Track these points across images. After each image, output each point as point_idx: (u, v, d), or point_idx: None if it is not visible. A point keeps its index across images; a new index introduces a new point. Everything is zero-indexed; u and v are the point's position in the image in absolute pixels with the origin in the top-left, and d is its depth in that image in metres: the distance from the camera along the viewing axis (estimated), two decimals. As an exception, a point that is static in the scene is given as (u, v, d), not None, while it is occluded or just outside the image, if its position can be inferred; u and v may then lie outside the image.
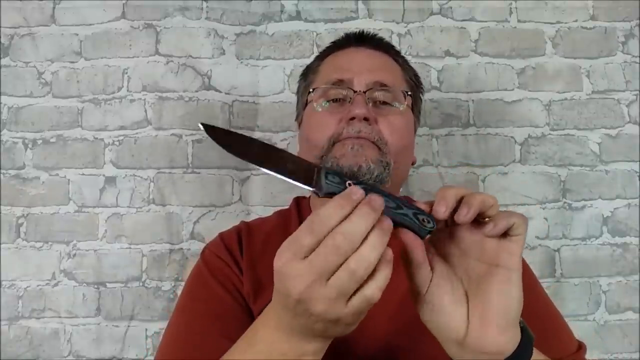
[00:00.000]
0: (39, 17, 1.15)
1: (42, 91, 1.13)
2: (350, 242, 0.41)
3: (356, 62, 0.77)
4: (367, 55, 0.78)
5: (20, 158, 1.12)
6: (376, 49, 0.80)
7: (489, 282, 0.46)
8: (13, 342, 1.07)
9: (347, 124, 0.70)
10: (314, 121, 0.75)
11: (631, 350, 1.06)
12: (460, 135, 1.14)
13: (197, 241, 1.10)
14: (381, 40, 0.83)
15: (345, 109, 0.72)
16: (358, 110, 0.70)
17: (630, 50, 1.16)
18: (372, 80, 0.74)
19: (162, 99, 1.13)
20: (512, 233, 0.47)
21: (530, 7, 1.17)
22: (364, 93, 0.72)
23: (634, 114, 1.14)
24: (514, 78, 1.15)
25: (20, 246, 1.10)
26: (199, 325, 0.67)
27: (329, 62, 0.80)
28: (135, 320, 1.08)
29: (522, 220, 0.47)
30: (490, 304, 0.46)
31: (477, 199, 0.45)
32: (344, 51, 0.80)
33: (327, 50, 0.84)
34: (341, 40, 0.83)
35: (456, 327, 0.47)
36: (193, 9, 1.15)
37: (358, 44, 0.81)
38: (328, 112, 0.74)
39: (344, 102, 0.74)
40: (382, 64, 0.78)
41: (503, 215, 0.46)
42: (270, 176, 0.48)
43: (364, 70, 0.75)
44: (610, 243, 1.11)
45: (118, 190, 1.11)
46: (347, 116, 0.71)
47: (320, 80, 0.78)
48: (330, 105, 0.75)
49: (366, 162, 0.67)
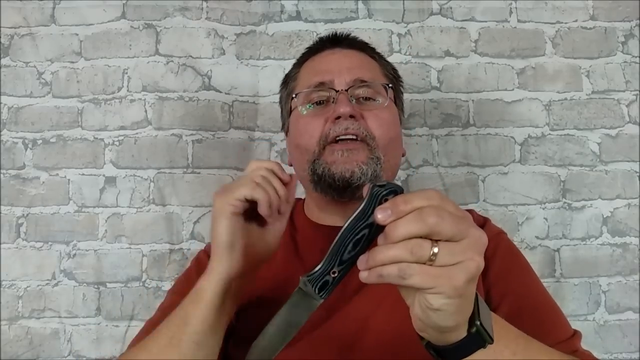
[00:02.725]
0: (39, 17, 1.15)
1: (42, 91, 1.14)
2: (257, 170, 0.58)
3: (334, 63, 0.78)
4: (343, 55, 0.79)
5: (20, 158, 1.12)
6: (351, 49, 0.81)
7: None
8: (13, 342, 1.07)
9: (334, 124, 0.71)
10: (301, 126, 0.76)
11: (631, 350, 1.06)
12: (460, 135, 1.14)
13: (197, 241, 1.10)
14: (355, 40, 0.84)
15: (330, 110, 0.73)
16: (342, 109, 0.71)
17: (630, 50, 1.16)
18: (352, 78, 0.75)
19: (162, 99, 1.13)
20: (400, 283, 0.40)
21: (530, 7, 1.16)
22: (346, 91, 0.73)
23: (633, 114, 1.14)
24: (514, 78, 1.15)
25: (20, 246, 1.10)
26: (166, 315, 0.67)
27: (308, 67, 0.81)
28: (135, 320, 1.08)
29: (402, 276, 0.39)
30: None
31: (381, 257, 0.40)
32: (320, 55, 0.81)
33: (303, 56, 0.85)
34: (316, 45, 0.84)
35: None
36: (193, 9, 1.15)
37: (333, 45, 0.81)
38: (313, 115, 0.75)
39: (328, 103, 0.75)
40: (360, 61, 0.79)
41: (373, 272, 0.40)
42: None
43: (343, 69, 0.76)
44: (610, 243, 1.11)
45: (118, 190, 1.11)
46: (333, 116, 0.72)
47: (302, 86, 0.79)
48: (315, 108, 0.76)
49: (358, 166, 0.69)
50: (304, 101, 0.77)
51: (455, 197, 1.12)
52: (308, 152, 0.74)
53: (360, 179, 0.69)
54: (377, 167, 0.71)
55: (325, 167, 0.71)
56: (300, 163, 0.77)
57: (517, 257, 0.77)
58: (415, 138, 1.13)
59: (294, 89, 0.81)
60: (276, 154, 1.13)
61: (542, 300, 0.72)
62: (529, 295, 0.71)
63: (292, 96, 0.79)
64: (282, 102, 0.87)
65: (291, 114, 0.80)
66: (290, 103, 0.80)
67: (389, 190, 0.42)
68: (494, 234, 0.77)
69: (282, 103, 0.86)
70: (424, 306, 0.41)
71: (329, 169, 0.71)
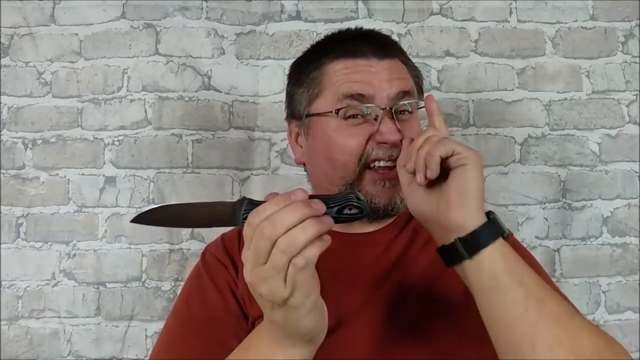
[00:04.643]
0: (39, 17, 1.15)
1: (42, 91, 1.13)
2: (274, 226, 0.44)
3: (374, 74, 0.70)
4: (380, 63, 0.71)
5: (20, 158, 1.12)
6: (388, 55, 0.73)
7: (450, 177, 0.56)
8: (13, 342, 1.07)
9: (378, 146, 0.68)
10: (339, 139, 0.70)
11: (631, 350, 1.06)
12: (460, 135, 1.14)
13: (197, 241, 1.10)
14: (387, 41, 0.77)
15: (371, 127, 0.68)
16: (392, 137, 0.67)
17: (630, 50, 1.16)
18: (394, 93, 0.69)
19: (162, 99, 1.13)
20: (455, 165, 0.55)
21: (530, 7, 1.16)
22: (390, 109, 0.68)
23: (633, 114, 1.14)
24: (514, 78, 1.15)
25: (20, 246, 1.10)
26: (191, 329, 0.69)
27: (340, 73, 0.71)
28: (135, 320, 1.08)
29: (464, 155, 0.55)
30: (449, 188, 0.55)
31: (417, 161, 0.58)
32: (353, 62, 0.71)
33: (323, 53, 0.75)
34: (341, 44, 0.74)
35: (430, 210, 0.57)
36: (193, 9, 1.15)
37: (364, 49, 0.72)
38: (352, 130, 0.69)
39: (368, 118, 0.69)
40: (398, 71, 0.72)
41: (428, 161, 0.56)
42: (270, 176, 0.49)
43: (383, 81, 0.69)
44: (610, 243, 1.11)
45: (118, 190, 1.11)
46: (379, 139, 0.68)
47: (334, 92, 0.71)
48: (351, 120, 0.70)
49: (400, 198, 0.70)
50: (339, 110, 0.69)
51: (455, 197, 1.12)
52: (345, 170, 0.69)
53: (398, 210, 0.71)
54: None
55: (366, 197, 0.68)
56: (332, 178, 0.71)
57: (529, 257, 0.74)
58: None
59: (320, 92, 0.73)
60: (276, 154, 1.13)
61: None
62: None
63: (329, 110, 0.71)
64: (293, 97, 0.78)
65: (312, 116, 0.73)
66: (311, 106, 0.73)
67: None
68: None
69: (295, 100, 0.77)
70: (460, 181, 0.55)
71: (371, 200, 0.69)
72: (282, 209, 0.45)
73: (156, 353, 0.69)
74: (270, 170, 1.12)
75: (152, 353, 0.70)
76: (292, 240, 0.44)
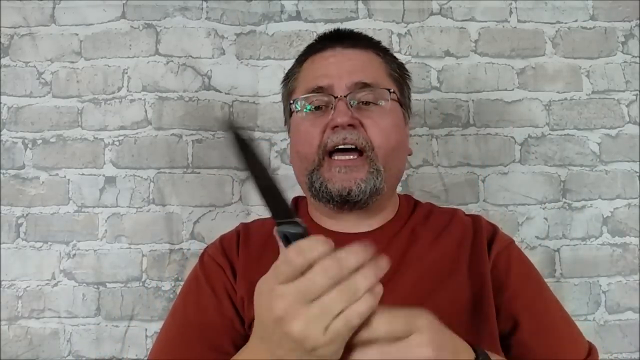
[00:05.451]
0: (39, 17, 1.15)
1: (42, 91, 1.13)
2: (340, 267, 0.40)
3: (334, 66, 0.74)
4: (345, 56, 0.75)
5: (20, 158, 1.12)
6: (355, 47, 0.76)
7: None
8: (13, 342, 1.07)
9: (332, 132, 0.70)
10: (301, 132, 0.74)
11: (631, 350, 1.06)
12: (460, 135, 1.14)
13: (197, 241, 1.10)
14: (359, 36, 0.80)
15: (329, 116, 0.71)
16: (340, 119, 0.69)
17: (630, 50, 1.16)
18: (352, 82, 0.71)
19: (162, 99, 1.13)
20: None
21: (530, 7, 1.17)
22: (345, 97, 0.70)
23: (633, 114, 1.14)
24: (514, 78, 1.15)
25: (20, 246, 1.10)
26: (188, 332, 0.69)
27: (307, 69, 0.77)
28: (135, 320, 1.08)
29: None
30: None
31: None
32: (321, 55, 0.76)
33: (304, 54, 0.81)
34: (317, 43, 0.80)
35: None
36: (193, 9, 1.15)
37: (334, 43, 0.76)
38: (313, 122, 0.72)
39: (327, 108, 0.72)
40: (362, 62, 0.75)
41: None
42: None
43: (343, 72, 0.72)
44: (610, 243, 1.11)
45: (118, 190, 1.11)
46: (331, 124, 0.70)
47: (301, 89, 0.76)
48: (314, 113, 0.73)
49: (356, 184, 0.68)
50: (302, 105, 0.74)
51: (455, 197, 1.12)
52: (307, 161, 0.72)
53: (358, 196, 0.68)
54: (377, 180, 0.69)
55: (322, 182, 0.70)
56: (300, 170, 0.75)
57: (531, 269, 0.75)
58: (415, 138, 1.13)
59: (293, 90, 0.78)
60: (276, 154, 1.13)
61: (560, 316, 0.71)
62: (548, 311, 0.71)
63: (290, 100, 0.77)
64: (283, 98, 0.84)
65: (291, 115, 0.78)
66: (290, 106, 0.78)
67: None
68: (505, 247, 0.74)
69: (284, 100, 0.84)
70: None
71: (326, 185, 0.69)
72: (344, 250, 0.41)
73: (154, 353, 0.70)
74: (270, 171, 1.12)
75: (151, 352, 0.71)
76: (355, 285, 0.40)
